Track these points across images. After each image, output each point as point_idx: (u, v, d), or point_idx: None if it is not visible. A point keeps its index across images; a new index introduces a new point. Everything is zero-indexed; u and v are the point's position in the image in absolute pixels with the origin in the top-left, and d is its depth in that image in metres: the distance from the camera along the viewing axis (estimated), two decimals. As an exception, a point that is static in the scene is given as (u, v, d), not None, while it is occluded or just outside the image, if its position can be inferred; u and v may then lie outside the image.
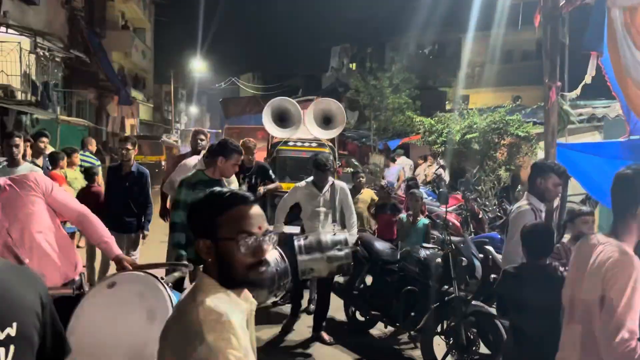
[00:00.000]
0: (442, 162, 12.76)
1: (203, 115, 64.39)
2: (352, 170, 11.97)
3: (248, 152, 6.65)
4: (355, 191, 7.09)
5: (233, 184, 6.16)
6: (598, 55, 3.71)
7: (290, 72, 38.61)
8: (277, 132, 8.21)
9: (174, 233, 4.22)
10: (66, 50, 17.07)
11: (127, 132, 26.33)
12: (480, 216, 7.77)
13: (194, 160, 5.60)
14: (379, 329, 5.70)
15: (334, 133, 8.63)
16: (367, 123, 20.26)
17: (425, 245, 5.20)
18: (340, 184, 5.49)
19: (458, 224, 7.51)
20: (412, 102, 18.46)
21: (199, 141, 5.94)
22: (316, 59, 37.46)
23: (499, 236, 6.13)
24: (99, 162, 8.98)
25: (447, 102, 22.61)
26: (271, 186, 6.42)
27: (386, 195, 7.37)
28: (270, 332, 5.54)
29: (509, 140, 11.07)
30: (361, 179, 7.53)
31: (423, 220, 6.07)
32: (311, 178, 5.36)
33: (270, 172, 6.56)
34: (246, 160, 6.71)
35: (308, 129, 8.28)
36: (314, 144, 8.41)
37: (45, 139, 6.98)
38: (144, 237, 5.99)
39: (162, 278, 2.64)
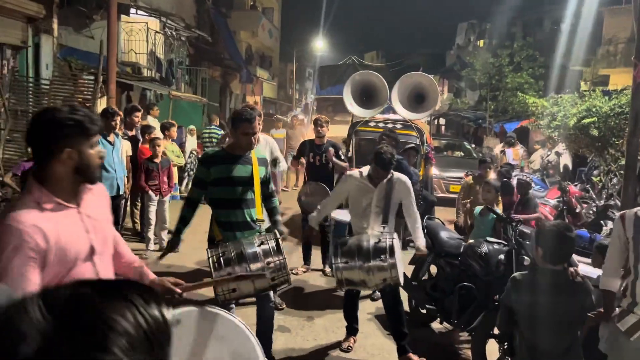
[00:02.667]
0: (559, 148, 11.63)
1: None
2: (478, 157, 11.08)
3: (319, 128, 6.53)
4: (480, 181, 6.43)
5: (282, 162, 6.05)
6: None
7: (413, 50, 37.60)
8: (358, 111, 7.76)
9: (184, 207, 3.98)
10: (192, 30, 18.17)
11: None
12: (577, 210, 6.91)
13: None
14: (443, 325, 5.37)
15: (424, 114, 8.09)
16: (483, 104, 19.08)
17: (489, 239, 4.71)
18: (401, 177, 4.51)
19: (551, 218, 6.76)
20: (534, 81, 16.95)
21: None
22: (441, 36, 36.00)
23: (589, 235, 5.42)
24: (222, 132, 10.39)
25: (583, 82, 20.54)
26: (339, 163, 6.23)
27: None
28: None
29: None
30: (488, 169, 6.84)
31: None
32: (368, 168, 4.52)
33: (341, 152, 6.37)
34: (317, 138, 6.60)
35: (394, 109, 7.82)
36: (399, 126, 7.90)
37: (138, 113, 7.46)
38: None
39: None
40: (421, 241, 4.54)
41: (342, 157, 6.38)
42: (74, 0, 11.33)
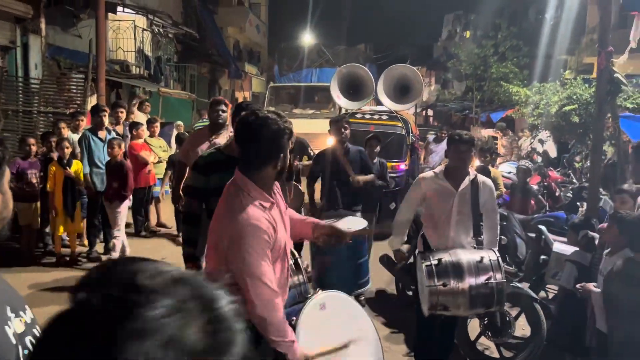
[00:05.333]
0: (541, 135, 11.90)
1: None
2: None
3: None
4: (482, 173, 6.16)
5: None
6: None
7: (401, 42, 37.84)
8: (346, 103, 7.96)
9: (186, 225, 3.57)
10: (179, 27, 18.24)
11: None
12: (557, 194, 7.19)
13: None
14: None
15: (409, 105, 8.29)
16: (469, 94, 19.34)
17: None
18: (485, 180, 3.77)
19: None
20: (519, 71, 17.23)
21: (220, 113, 4.67)
22: (428, 28, 36.23)
23: (565, 215, 5.66)
24: None
25: (567, 71, 20.82)
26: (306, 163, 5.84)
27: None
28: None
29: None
30: (487, 156, 6.99)
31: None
32: (442, 166, 3.83)
33: (310, 148, 6.11)
34: None
35: (380, 100, 8.03)
36: (384, 117, 8.07)
37: (122, 109, 7.58)
38: None
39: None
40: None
41: (312, 153, 6.03)
42: (61, 0, 11.40)
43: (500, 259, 3.51)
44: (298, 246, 5.89)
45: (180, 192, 5.19)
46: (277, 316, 2.08)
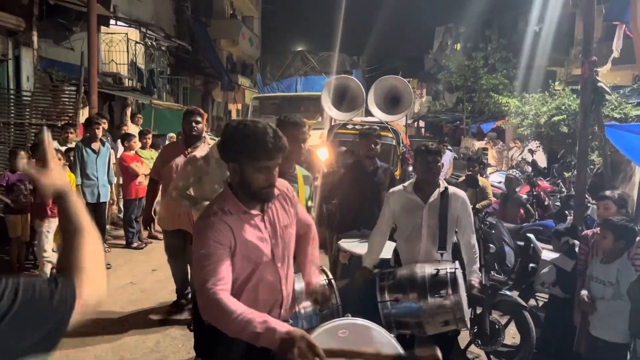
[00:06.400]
0: (532, 146, 12.01)
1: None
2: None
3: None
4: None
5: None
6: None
7: (393, 55, 38.14)
8: (337, 114, 8.03)
9: None
10: (172, 39, 18.33)
11: (234, 116, 27.76)
12: (546, 203, 7.26)
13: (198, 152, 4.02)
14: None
15: (399, 116, 8.34)
16: (460, 105, 19.51)
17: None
18: (457, 191, 3.69)
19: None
20: (509, 82, 17.41)
21: (194, 124, 4.55)
22: (419, 40, 36.52)
23: (554, 224, 5.71)
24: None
25: (557, 82, 21.07)
26: None
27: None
28: None
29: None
30: (475, 167, 7.05)
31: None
32: (411, 180, 3.78)
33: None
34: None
35: (370, 111, 8.08)
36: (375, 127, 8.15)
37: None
38: None
39: None
40: (476, 276, 3.59)
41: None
42: (53, 13, 11.43)
43: (458, 270, 3.25)
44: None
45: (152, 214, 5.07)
46: (226, 317, 1.88)
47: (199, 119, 4.52)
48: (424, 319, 3.17)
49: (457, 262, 3.37)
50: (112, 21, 14.23)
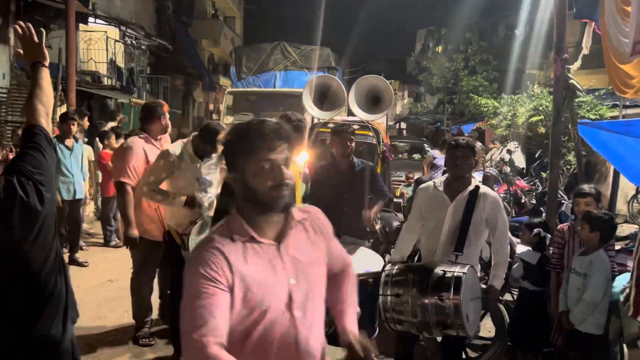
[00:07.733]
0: (510, 146, 12.17)
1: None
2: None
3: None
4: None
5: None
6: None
7: (375, 56, 38.37)
8: (318, 113, 8.01)
9: None
10: (152, 38, 18.20)
11: (214, 117, 27.65)
12: (522, 201, 7.39)
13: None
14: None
15: (380, 115, 8.39)
16: (441, 107, 19.72)
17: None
18: (489, 192, 3.54)
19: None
20: (489, 84, 17.65)
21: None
22: (401, 42, 36.81)
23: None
24: None
25: (536, 85, 21.40)
26: None
27: None
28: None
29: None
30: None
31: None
32: (442, 177, 3.65)
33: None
34: None
35: (351, 110, 8.09)
36: (355, 126, 8.15)
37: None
38: None
39: None
40: (498, 282, 3.49)
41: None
42: (30, 10, 11.29)
43: (467, 275, 3.06)
44: None
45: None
46: None
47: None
48: (421, 318, 3.08)
49: (469, 266, 3.15)
50: (91, 19, 14.09)
